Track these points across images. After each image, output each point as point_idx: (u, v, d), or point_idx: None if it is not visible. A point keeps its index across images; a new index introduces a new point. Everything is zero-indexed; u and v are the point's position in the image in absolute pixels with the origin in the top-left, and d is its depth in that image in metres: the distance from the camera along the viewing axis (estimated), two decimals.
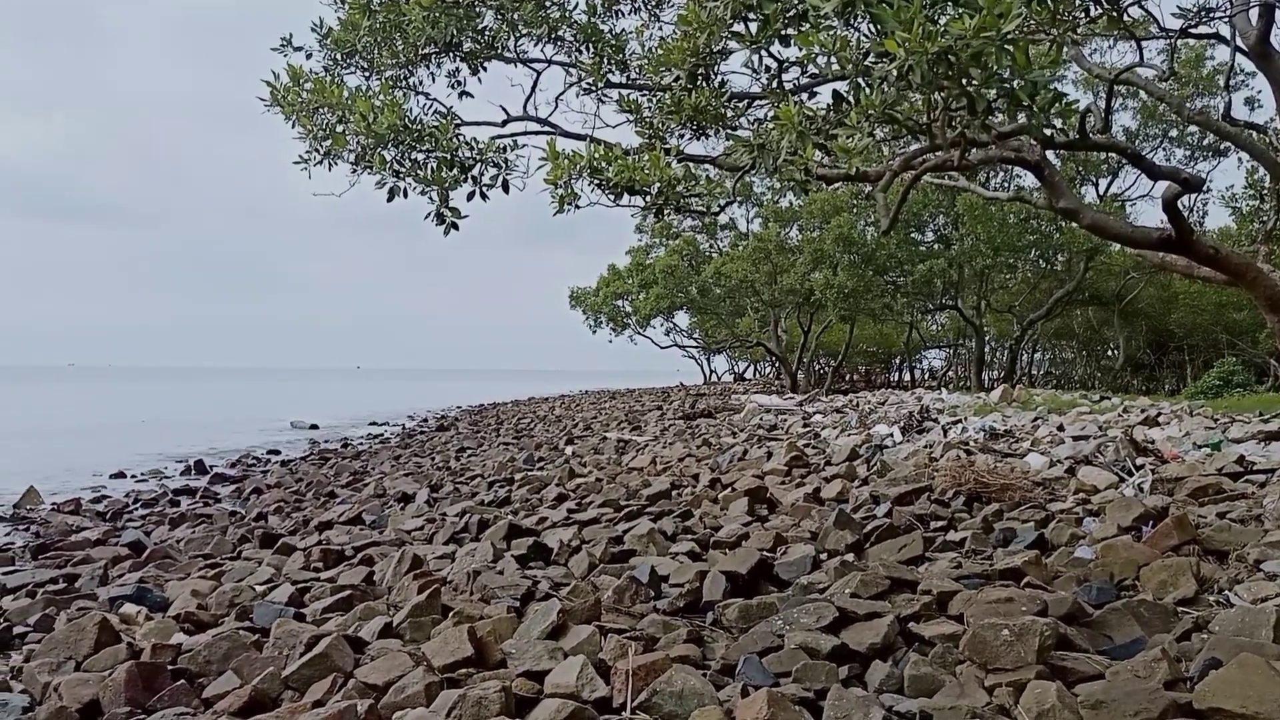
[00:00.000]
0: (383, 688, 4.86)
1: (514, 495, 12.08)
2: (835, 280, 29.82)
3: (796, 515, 8.84)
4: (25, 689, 5.78)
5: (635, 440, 19.44)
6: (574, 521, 9.33)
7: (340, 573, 8.11)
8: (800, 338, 39.41)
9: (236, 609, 7.05)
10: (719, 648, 5.40)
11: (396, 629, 5.93)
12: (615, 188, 4.96)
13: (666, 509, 9.56)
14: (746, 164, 4.56)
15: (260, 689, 5.07)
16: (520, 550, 8.05)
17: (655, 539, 7.95)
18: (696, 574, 6.61)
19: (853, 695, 4.35)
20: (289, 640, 5.82)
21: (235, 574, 8.49)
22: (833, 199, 31.57)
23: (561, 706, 4.35)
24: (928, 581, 5.96)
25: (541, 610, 5.78)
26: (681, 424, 22.67)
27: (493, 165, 5.77)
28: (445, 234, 5.47)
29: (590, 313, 45.09)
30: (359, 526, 10.97)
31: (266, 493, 16.14)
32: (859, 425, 16.78)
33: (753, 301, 37.43)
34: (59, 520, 13.85)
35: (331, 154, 6.32)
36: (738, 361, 66.34)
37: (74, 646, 6.25)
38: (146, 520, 13.62)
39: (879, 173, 6.03)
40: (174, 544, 10.97)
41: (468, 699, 4.37)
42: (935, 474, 9.74)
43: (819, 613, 5.45)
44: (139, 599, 7.62)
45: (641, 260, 43.06)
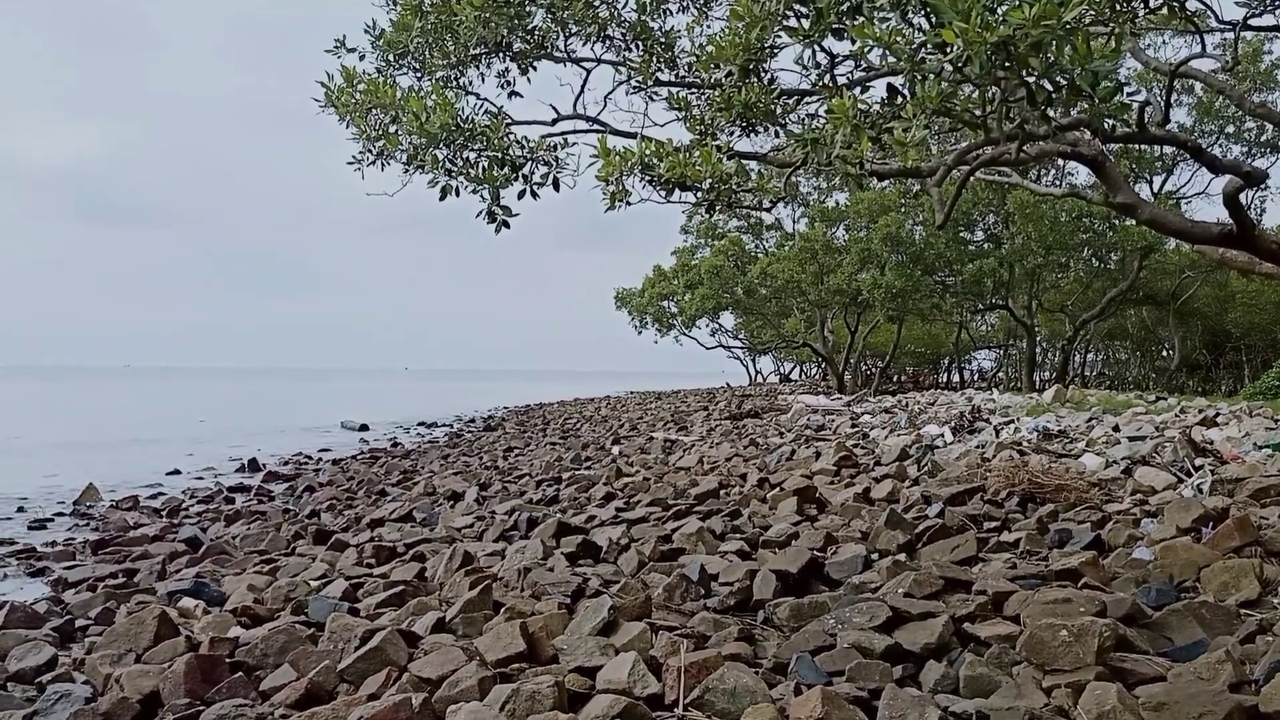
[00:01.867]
0: (436, 681, 4.89)
1: (562, 494, 12.13)
2: (883, 280, 29.57)
3: (846, 515, 8.78)
4: (88, 680, 5.91)
5: (682, 440, 19.43)
6: (622, 520, 9.35)
7: (393, 569, 8.20)
8: (847, 338, 39.13)
9: (292, 604, 7.15)
10: (770, 646, 5.37)
11: (449, 624, 5.97)
12: (667, 184, 4.96)
13: (715, 508, 9.54)
14: (799, 159, 4.53)
15: (316, 682, 5.14)
16: (569, 548, 8.08)
17: (704, 538, 7.94)
18: (746, 573, 6.60)
19: (907, 695, 4.31)
20: (344, 634, 5.89)
21: (290, 569, 8.62)
22: (880, 198, 31.31)
23: (614, 702, 4.35)
24: (982, 582, 5.89)
25: (592, 607, 5.79)
26: (728, 424, 22.61)
27: (543, 164, 5.80)
28: (497, 232, 5.50)
29: (635, 314, 45.10)
30: (410, 524, 11.08)
31: (319, 490, 16.36)
32: (909, 426, 16.63)
33: (799, 302, 37.22)
34: (118, 517, 14.16)
35: (384, 154, 6.38)
36: (783, 362, 66.05)
37: (134, 639, 6.37)
38: (203, 517, 13.87)
39: (932, 168, 5.96)
40: (230, 540, 11.16)
41: (521, 693, 4.39)
42: (988, 474, 9.62)
43: (872, 612, 5.41)
44: (197, 593, 7.75)
45: (687, 261, 42.99)
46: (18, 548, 11.90)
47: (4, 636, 7.10)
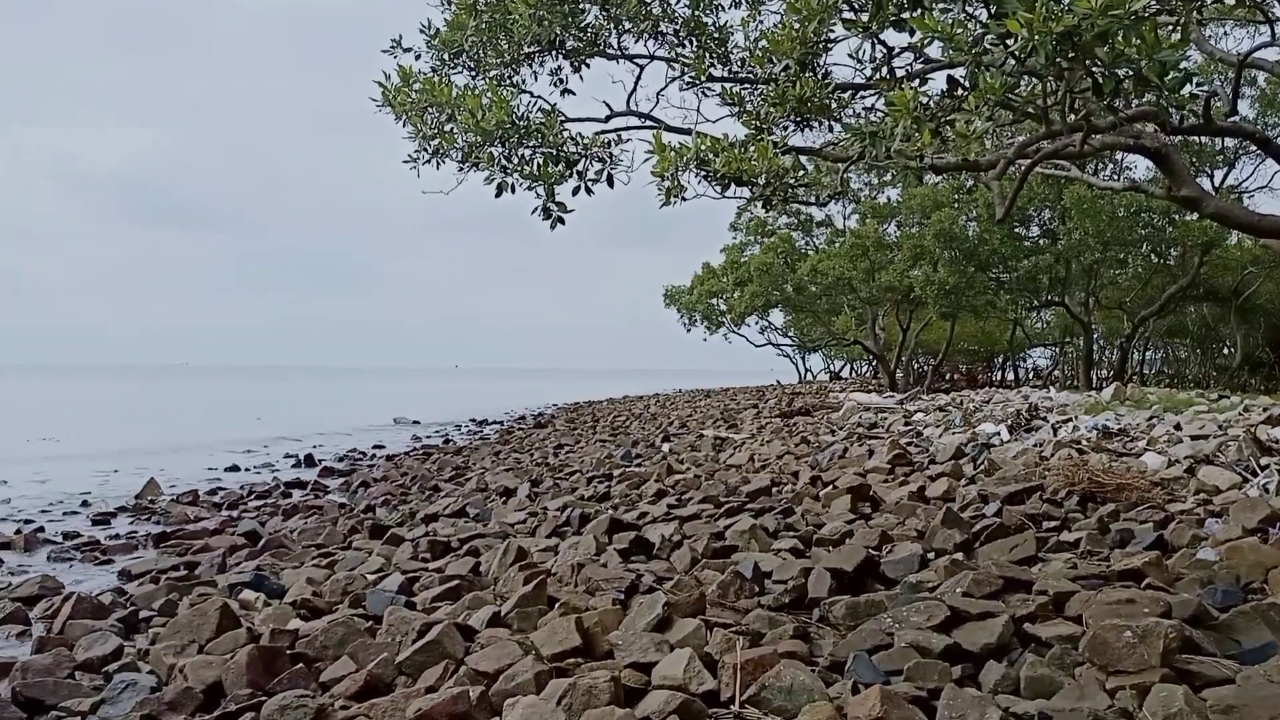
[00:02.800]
0: (493, 675, 4.93)
1: (613, 491, 12.16)
2: (936, 276, 29.21)
3: (901, 513, 8.69)
4: (152, 670, 6.04)
5: (732, 438, 19.37)
6: (674, 517, 9.35)
7: (447, 563, 8.27)
8: (899, 336, 38.71)
9: (350, 596, 7.24)
10: (826, 644, 5.33)
11: (504, 618, 6.01)
12: (722, 179, 4.94)
13: (767, 505, 9.51)
14: (855, 154, 4.50)
15: (375, 674, 5.20)
16: (622, 544, 8.09)
17: (757, 535, 7.91)
18: (801, 570, 6.56)
19: (968, 695, 4.25)
20: (401, 627, 5.96)
21: (347, 563, 8.73)
22: (933, 194, 30.95)
23: (670, 698, 4.35)
24: (1043, 582, 5.80)
25: (647, 603, 5.79)
26: (779, 422, 22.50)
27: (597, 160, 5.82)
28: (552, 228, 5.53)
29: (684, 311, 45.00)
30: (463, 519, 11.18)
31: (374, 486, 16.57)
32: (963, 424, 16.43)
33: (850, 299, 36.88)
34: (178, 510, 14.45)
35: (440, 152, 6.44)
36: (833, 360, 65.51)
37: (197, 630, 6.50)
38: (260, 511, 14.11)
39: (991, 161, 5.87)
40: (287, 534, 11.34)
41: (578, 688, 4.40)
42: (1046, 473, 9.48)
43: (930, 611, 5.35)
44: (257, 586, 7.89)
45: (736, 258, 42.78)
46: (82, 541, 12.20)
47: (71, 626, 7.29)
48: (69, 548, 11.67)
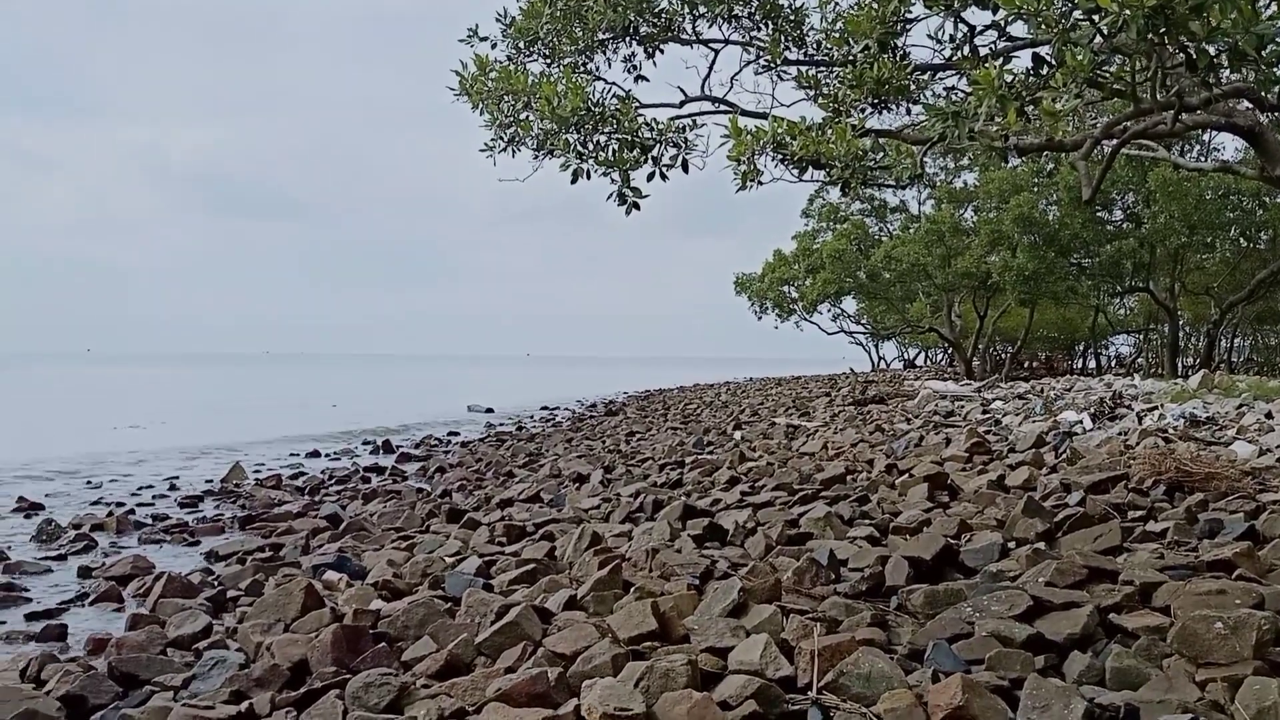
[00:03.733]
0: (570, 657, 4.97)
1: (685, 478, 12.17)
2: (1014, 262, 28.59)
3: (980, 502, 8.55)
4: (240, 647, 6.23)
5: (805, 426, 19.24)
6: (748, 504, 9.32)
7: (523, 547, 8.37)
8: (975, 323, 38.01)
9: (429, 579, 7.38)
10: (905, 632, 5.28)
11: (580, 601, 6.06)
12: (799, 162, 4.90)
13: (842, 493, 9.43)
14: (937, 133, 4.41)
15: (455, 654, 5.29)
16: (696, 530, 8.10)
17: (832, 522, 7.85)
18: (877, 558, 6.50)
19: (1051, 685, 4.17)
20: (480, 609, 6.05)
21: (426, 546, 8.89)
22: (1012, 178, 30.26)
23: (747, 682, 4.34)
24: (1129, 572, 5.66)
25: (722, 589, 5.79)
26: (852, 410, 22.28)
27: (672, 145, 5.81)
28: (627, 214, 5.54)
29: (755, 299, 44.71)
30: (538, 504, 11.30)
31: (449, 471, 16.84)
32: (1044, 412, 16.09)
33: (925, 286, 36.30)
34: (262, 494, 14.85)
35: (516, 140, 6.49)
36: (907, 348, 64.58)
37: (282, 609, 6.68)
38: (341, 495, 14.43)
39: (1077, 141, 5.72)
40: (367, 517, 11.58)
41: (655, 670, 4.42)
42: (1131, 462, 9.24)
43: (1011, 600, 5.26)
44: (339, 567, 8.07)
45: (808, 245, 42.37)
46: (171, 523, 12.62)
47: (163, 605, 7.57)
48: (159, 530, 12.08)
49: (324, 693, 4.93)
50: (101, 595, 8.46)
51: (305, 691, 5.06)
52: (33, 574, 9.61)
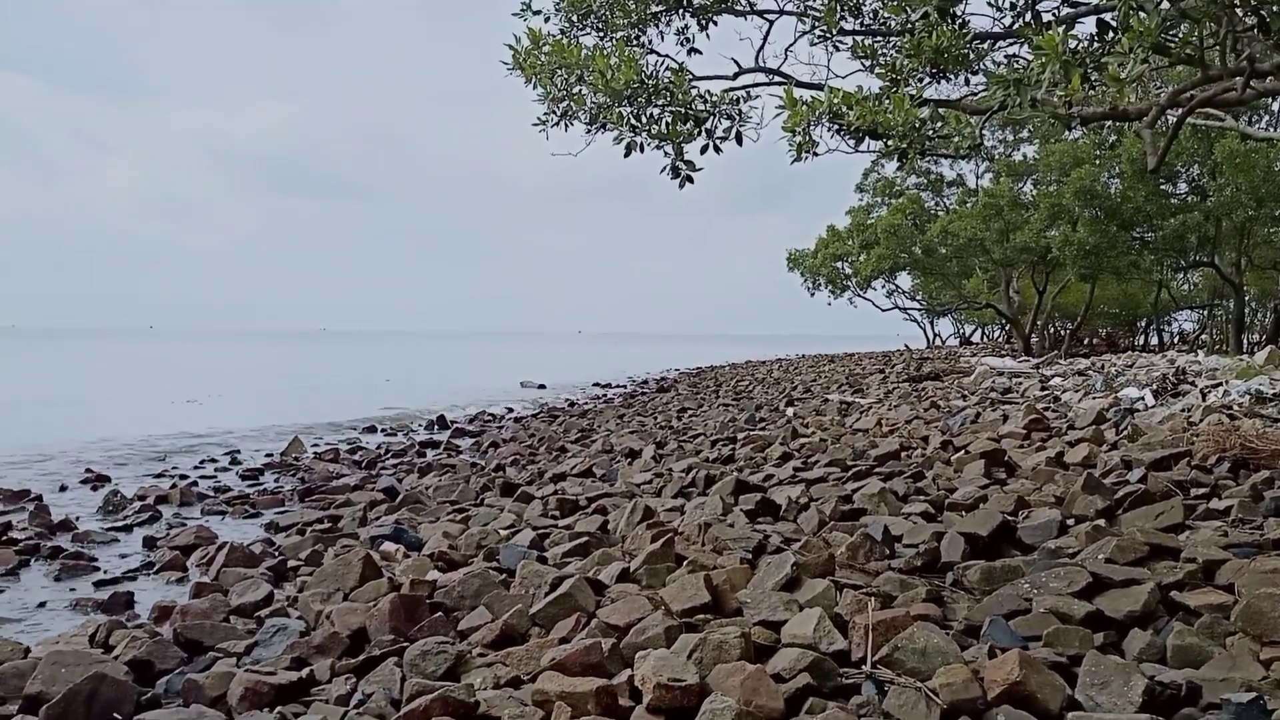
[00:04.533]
0: (624, 628, 5.01)
1: (738, 453, 12.15)
2: (1075, 237, 27.99)
3: (1038, 479, 8.42)
4: (300, 615, 6.36)
5: (858, 402, 19.08)
6: (800, 480, 9.28)
7: (576, 521, 8.43)
8: (1034, 299, 37.33)
9: (484, 551, 7.46)
10: (960, 608, 5.23)
11: (633, 574, 6.09)
12: (856, 133, 4.82)
13: (896, 470, 9.34)
14: (998, 102, 4.32)
15: (510, 624, 5.35)
16: (748, 505, 8.09)
17: (886, 498, 7.80)
18: (933, 534, 6.45)
19: (1111, 662, 4.11)
20: (534, 580, 6.12)
21: (480, 519, 8.99)
22: (1072, 150, 29.56)
23: (801, 655, 4.34)
24: (1191, 549, 5.55)
25: (775, 563, 5.79)
26: (906, 387, 22.05)
27: (726, 117, 5.75)
28: (680, 187, 5.51)
29: (808, 275, 44.30)
30: (590, 479, 11.36)
31: (503, 446, 16.98)
32: (1104, 389, 15.78)
33: (982, 261, 35.70)
34: (320, 468, 15.11)
35: (569, 114, 6.48)
36: (963, 324, 63.64)
37: (341, 579, 6.81)
38: (397, 469, 14.64)
39: (1142, 109, 5.56)
40: (423, 491, 11.73)
41: (708, 642, 4.44)
42: (1195, 439, 9.03)
43: (1070, 577, 5.19)
44: (396, 538, 8.20)
45: (862, 220, 41.85)
46: (233, 495, 12.90)
47: (225, 574, 7.75)
48: (221, 501, 12.36)
49: (383, 660, 5.02)
50: (166, 564, 8.68)
51: (364, 658, 5.16)
52: (100, 544, 9.90)
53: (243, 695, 4.77)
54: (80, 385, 40.18)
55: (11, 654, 5.91)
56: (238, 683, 4.86)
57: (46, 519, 10.83)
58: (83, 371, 53.31)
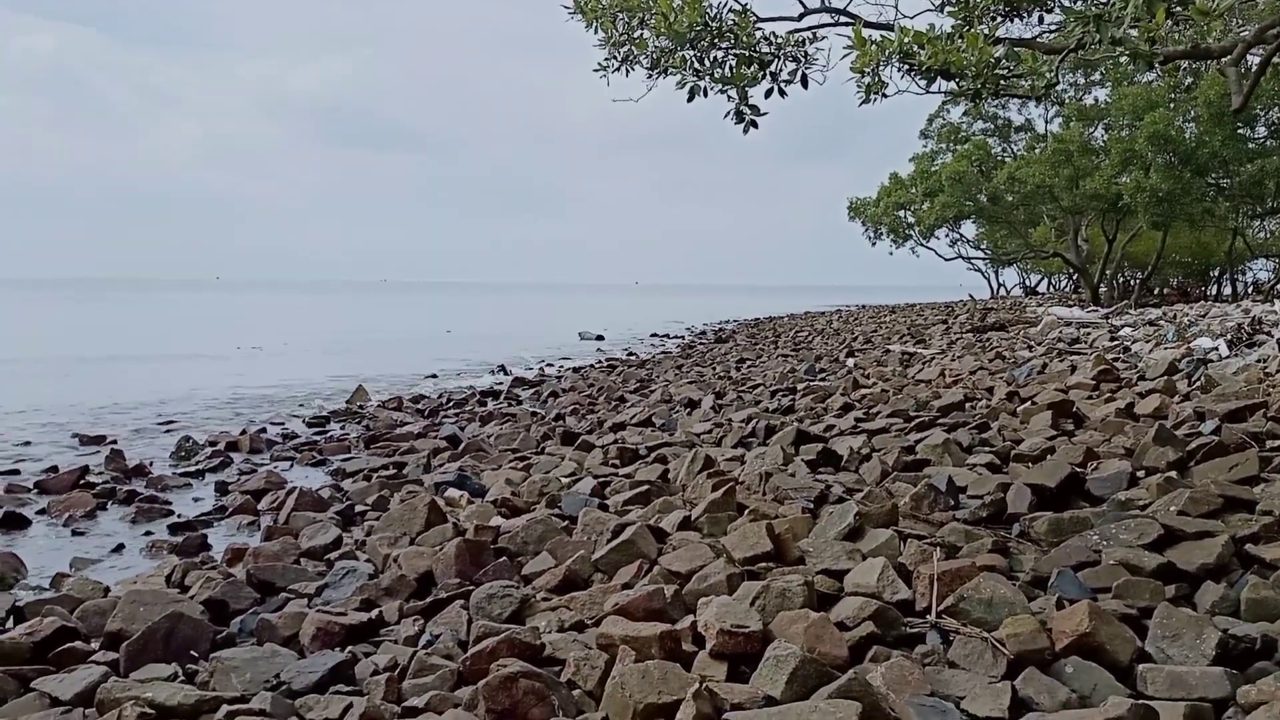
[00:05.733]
0: (686, 575, 5.03)
1: (798, 404, 12.08)
2: (1147, 183, 27.15)
3: (1107, 430, 8.25)
4: (369, 559, 6.50)
5: (920, 353, 18.85)
6: (862, 430, 9.21)
7: (636, 469, 8.47)
8: (1103, 247, 36.39)
9: (545, 498, 7.54)
10: (1027, 560, 5.16)
11: (694, 522, 6.11)
12: (928, 72, 4.69)
13: (960, 420, 9.22)
14: (1076, 39, 4.15)
15: (573, 569, 5.41)
16: (809, 455, 8.05)
17: (950, 449, 7.70)
18: (998, 485, 6.36)
19: (1182, 614, 4.03)
20: (596, 527, 6.17)
21: (542, 467, 9.07)
22: (1146, 93, 28.58)
23: (865, 604, 4.32)
24: (1268, 502, 5.40)
25: (837, 512, 5.76)
26: (971, 337, 21.71)
27: (791, 60, 5.63)
28: (745, 132, 5.43)
29: (869, 224, 43.63)
30: (649, 428, 11.39)
31: (562, 396, 17.08)
32: (1177, 339, 15.38)
33: (1050, 209, 34.82)
34: (384, 415, 15.36)
35: (630, 59, 6.39)
36: (1029, 274, 62.31)
37: (407, 524, 6.94)
38: (459, 417, 14.82)
39: (1225, 47, 5.33)
40: (485, 439, 11.86)
41: (771, 590, 4.44)
42: (1271, 390, 8.78)
43: (1140, 529, 5.09)
44: (460, 485, 8.31)
45: (926, 167, 40.98)
46: (300, 441, 13.18)
47: (295, 518, 7.93)
48: (289, 448, 12.63)
49: (449, 602, 5.11)
50: (237, 509, 8.90)
51: (431, 601, 5.25)
52: (174, 488, 10.19)
53: (315, 635, 4.89)
54: (151, 334, 41.22)
55: (92, 593, 6.14)
56: (309, 622, 4.99)
57: (122, 463, 11.17)
58: (153, 321, 54.69)
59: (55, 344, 32.12)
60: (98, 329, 45.28)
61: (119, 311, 67.33)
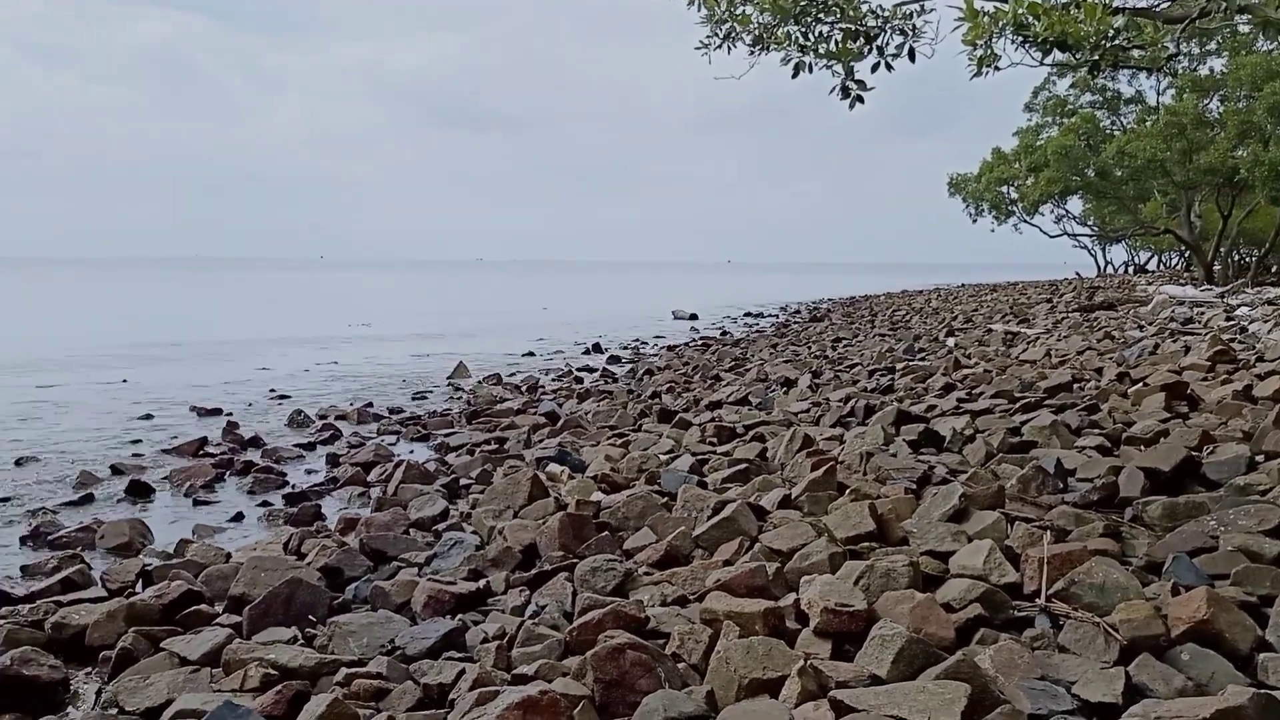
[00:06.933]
0: (787, 553, 5.04)
1: (897, 384, 11.93)
2: (1266, 156, 25.88)
3: (1224, 413, 7.96)
4: (474, 530, 6.67)
5: (1024, 333, 18.39)
6: (965, 411, 9.05)
7: (734, 448, 8.48)
8: (1218, 224, 34.88)
9: (645, 474, 7.61)
10: (1140, 545, 5.03)
11: (795, 501, 6.11)
12: (1044, 44, 4.56)
13: (1068, 402, 8.99)
14: (1198, 7, 4.00)
15: (674, 545, 5.46)
16: (910, 436, 7.95)
17: (1059, 431, 7.53)
18: (1109, 469, 6.21)
19: None
20: (695, 504, 6.21)
21: (640, 444, 9.15)
22: (1265, 63, 27.21)
23: (972, 586, 4.28)
24: None
25: (942, 493, 5.70)
26: (1077, 316, 21.09)
27: (899, 33, 5.54)
28: (850, 108, 5.36)
29: (970, 200, 42.58)
30: (746, 407, 11.37)
31: (658, 374, 17.15)
32: None
33: (1161, 184, 33.49)
34: (485, 391, 15.66)
35: (732, 35, 6.36)
36: (1138, 251, 60.14)
37: (511, 497, 7.08)
38: (557, 394, 15.01)
39: None
40: (583, 415, 12.01)
41: (875, 570, 4.42)
42: None
43: (1261, 515, 4.92)
44: (561, 460, 8.44)
45: (1031, 142, 39.73)
46: (405, 416, 13.53)
47: (403, 490, 8.16)
48: (394, 422, 12.98)
49: (554, 575, 5.23)
50: (348, 480, 9.20)
51: (536, 573, 5.37)
52: (288, 459, 10.57)
53: (426, 602, 5.05)
54: (261, 310, 42.67)
55: (215, 558, 6.45)
56: (421, 591, 5.15)
57: (237, 435, 11.63)
58: (262, 299, 56.57)
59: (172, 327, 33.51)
60: (215, 308, 47.08)
61: (232, 292, 69.84)
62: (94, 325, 32.23)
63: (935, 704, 3.24)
